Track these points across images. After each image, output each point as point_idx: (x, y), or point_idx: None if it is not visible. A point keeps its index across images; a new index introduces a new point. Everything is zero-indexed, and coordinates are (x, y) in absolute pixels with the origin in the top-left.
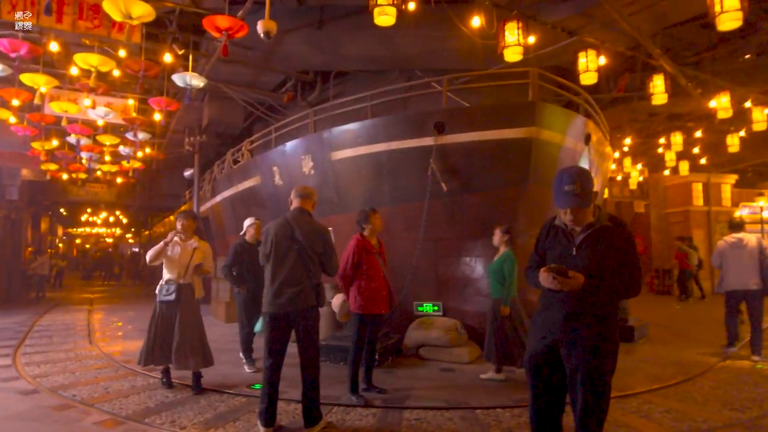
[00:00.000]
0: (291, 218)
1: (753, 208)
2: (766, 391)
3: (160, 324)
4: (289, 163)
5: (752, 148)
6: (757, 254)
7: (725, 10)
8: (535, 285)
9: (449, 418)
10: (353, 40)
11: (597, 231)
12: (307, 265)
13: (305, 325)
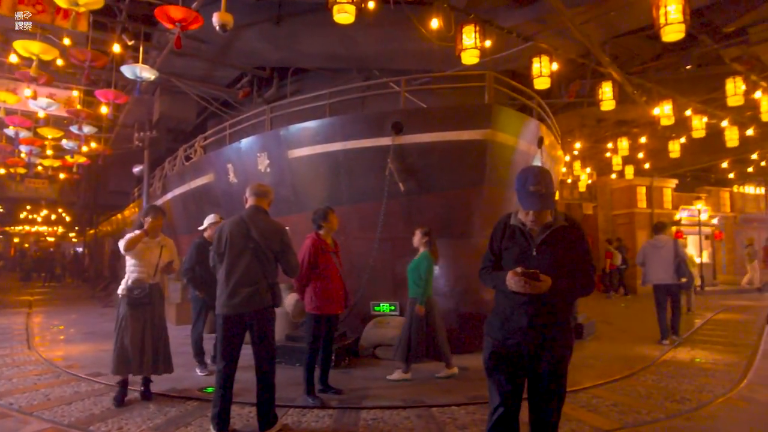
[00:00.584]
0: (246, 216)
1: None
2: (703, 384)
3: (134, 328)
4: (244, 161)
5: (691, 154)
6: (673, 254)
7: (669, 22)
8: (494, 287)
9: (406, 417)
10: (312, 37)
11: (556, 231)
12: (263, 265)
13: (261, 326)
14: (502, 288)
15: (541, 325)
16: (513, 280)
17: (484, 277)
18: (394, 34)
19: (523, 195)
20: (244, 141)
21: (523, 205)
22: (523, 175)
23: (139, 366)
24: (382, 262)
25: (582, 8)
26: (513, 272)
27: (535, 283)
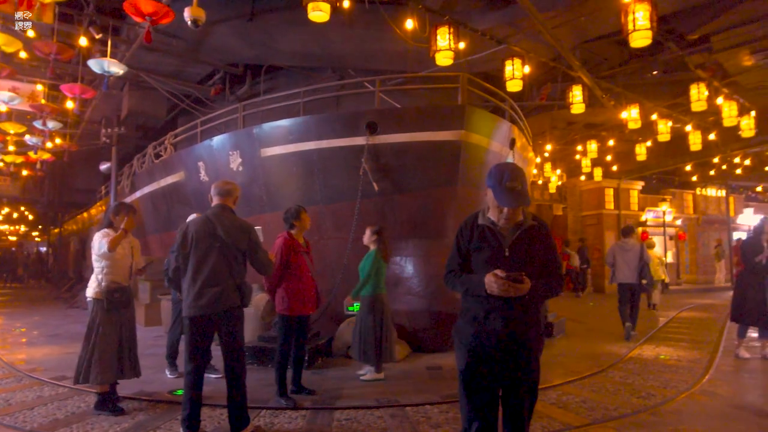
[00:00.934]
0: (212, 215)
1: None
2: (668, 379)
3: (112, 333)
4: (216, 159)
5: (657, 157)
6: (639, 256)
7: (637, 28)
8: (465, 291)
9: (379, 417)
10: (286, 34)
11: (526, 231)
12: (230, 264)
13: (229, 327)
14: (477, 292)
15: (517, 327)
16: (495, 283)
17: (452, 281)
18: (369, 33)
19: (499, 191)
20: (216, 139)
21: (499, 202)
22: (498, 171)
23: (121, 371)
24: (357, 262)
25: (554, 13)
26: (494, 275)
27: (519, 286)
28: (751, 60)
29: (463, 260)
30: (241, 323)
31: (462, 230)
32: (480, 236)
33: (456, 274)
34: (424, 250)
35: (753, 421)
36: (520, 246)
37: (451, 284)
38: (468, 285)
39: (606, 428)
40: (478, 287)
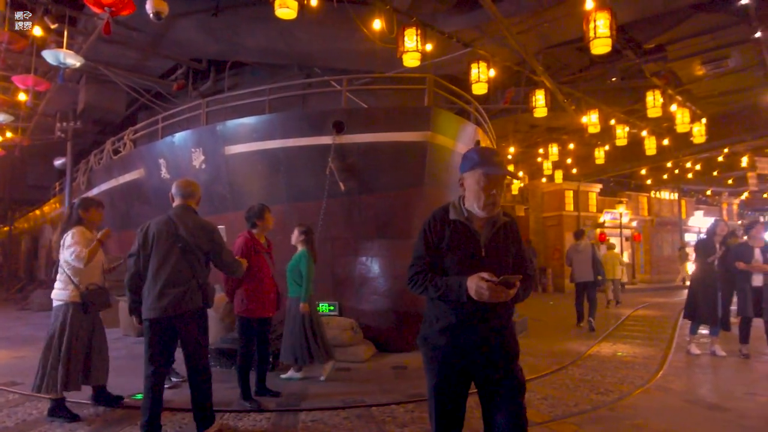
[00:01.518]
0: (174, 215)
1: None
2: (624, 375)
3: (83, 338)
4: (177, 156)
5: (614, 160)
6: (591, 256)
7: (598, 36)
8: (439, 296)
9: (345, 417)
10: (252, 31)
11: (501, 228)
12: (192, 265)
13: (192, 329)
14: (455, 297)
15: (495, 333)
16: (486, 289)
17: (421, 284)
18: (337, 32)
19: (484, 162)
20: (178, 135)
21: (486, 169)
22: (477, 149)
23: (86, 377)
24: (322, 262)
25: (518, 18)
26: (481, 279)
27: (509, 291)
28: (703, 70)
29: (432, 259)
30: (204, 325)
31: (431, 225)
32: (452, 233)
33: (425, 276)
34: (390, 251)
35: (703, 414)
36: (495, 245)
37: (418, 287)
38: (444, 290)
39: (567, 424)
40: (457, 292)
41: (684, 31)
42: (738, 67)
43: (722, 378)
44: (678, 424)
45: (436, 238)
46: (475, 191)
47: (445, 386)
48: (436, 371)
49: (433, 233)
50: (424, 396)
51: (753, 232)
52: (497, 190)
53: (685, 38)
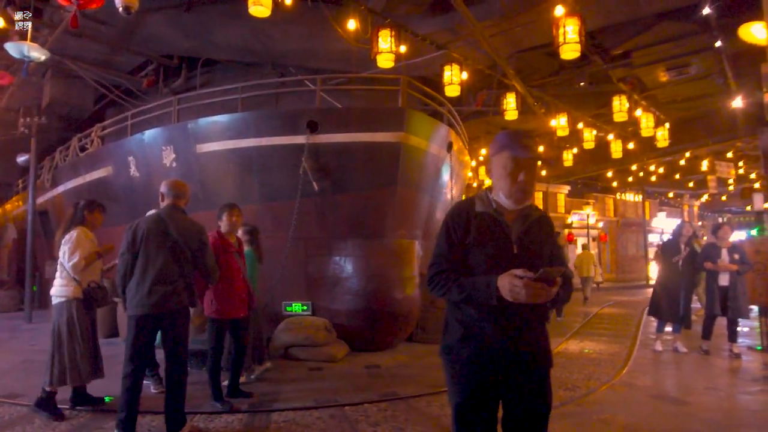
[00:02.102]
0: (165, 214)
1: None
2: (591, 372)
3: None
4: (147, 154)
5: (582, 163)
6: None
7: (567, 41)
8: (465, 298)
9: (318, 417)
10: (225, 28)
11: (534, 222)
12: (180, 264)
13: (176, 327)
14: (485, 299)
15: (531, 343)
16: (523, 288)
17: (444, 285)
18: (312, 32)
19: (514, 146)
20: (148, 132)
21: (513, 151)
22: (507, 132)
23: (93, 372)
24: (295, 262)
25: (491, 22)
26: (514, 276)
27: (551, 290)
28: (666, 76)
29: (455, 257)
30: (187, 324)
31: (454, 219)
32: (480, 227)
33: (447, 276)
34: (363, 250)
35: (666, 408)
36: (528, 240)
37: (440, 288)
38: (471, 290)
39: None
40: (485, 293)
41: (649, 38)
42: (699, 74)
43: (684, 373)
44: (642, 419)
45: (461, 232)
46: (502, 177)
47: (470, 406)
48: (461, 388)
49: (457, 228)
50: (397, 395)
51: (720, 234)
52: (527, 177)
53: (649, 45)
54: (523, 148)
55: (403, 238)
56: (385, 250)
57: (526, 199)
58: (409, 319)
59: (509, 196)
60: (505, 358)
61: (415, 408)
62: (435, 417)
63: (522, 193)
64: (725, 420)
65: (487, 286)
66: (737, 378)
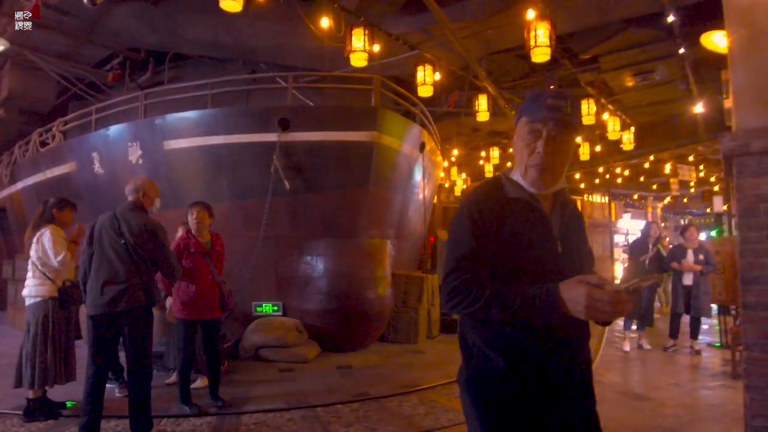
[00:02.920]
0: (119, 213)
1: None
2: None
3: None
4: (112, 150)
5: None
6: None
7: (538, 44)
8: (509, 315)
9: (289, 419)
10: (194, 22)
11: (572, 211)
12: (135, 263)
13: (134, 328)
14: (544, 316)
15: (583, 369)
16: (603, 301)
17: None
18: (284, 28)
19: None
20: (114, 128)
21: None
22: (537, 92)
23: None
24: (265, 261)
25: (464, 23)
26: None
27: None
28: (632, 81)
29: (484, 260)
30: (148, 324)
31: (481, 207)
32: (517, 217)
33: (482, 286)
34: (335, 250)
35: (631, 404)
36: (570, 235)
37: (470, 303)
38: (520, 305)
39: None
40: (547, 308)
41: (616, 44)
42: (663, 80)
43: (649, 370)
44: (610, 415)
45: (492, 224)
46: (519, 149)
47: None
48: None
49: (484, 219)
50: (369, 395)
51: (687, 235)
52: (547, 147)
53: (616, 51)
54: (548, 109)
55: (375, 237)
56: (357, 249)
57: (543, 179)
58: (381, 319)
59: (525, 174)
60: (558, 392)
61: (387, 408)
62: (407, 417)
63: (537, 168)
64: (687, 415)
65: (548, 298)
66: (698, 374)
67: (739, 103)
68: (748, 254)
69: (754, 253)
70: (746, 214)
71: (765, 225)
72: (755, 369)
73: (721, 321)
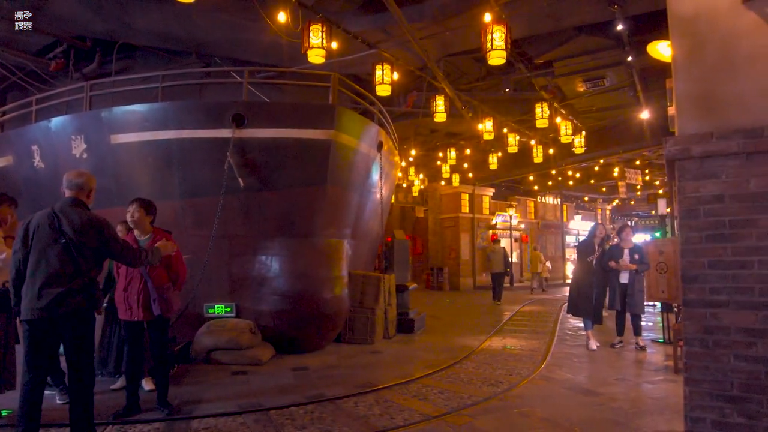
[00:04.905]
0: (58, 209)
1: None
2: (513, 367)
3: (7, 338)
4: (54, 143)
5: (506, 166)
6: (503, 256)
7: (494, 48)
8: None
9: (242, 423)
10: (145, 11)
11: None
12: (76, 262)
13: (75, 332)
14: None
15: None
16: None
17: None
18: (240, 21)
19: None
20: (56, 120)
21: None
22: None
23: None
24: (218, 261)
25: (421, 24)
26: None
27: None
28: (583, 87)
29: None
30: (89, 328)
31: None
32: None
33: None
34: (291, 249)
35: (580, 399)
36: None
37: None
38: None
39: (461, 416)
40: None
41: (569, 50)
42: (613, 86)
43: (596, 366)
44: (558, 410)
45: None
46: None
47: None
48: None
49: None
50: (324, 396)
51: (623, 235)
52: None
53: (569, 57)
54: None
55: (332, 237)
56: (313, 249)
57: None
58: (338, 320)
59: None
60: None
61: (342, 409)
62: (362, 417)
63: None
64: (632, 408)
65: None
66: (643, 369)
67: (680, 110)
68: (688, 254)
69: (695, 253)
70: (687, 215)
71: (704, 226)
72: (694, 363)
73: (665, 318)
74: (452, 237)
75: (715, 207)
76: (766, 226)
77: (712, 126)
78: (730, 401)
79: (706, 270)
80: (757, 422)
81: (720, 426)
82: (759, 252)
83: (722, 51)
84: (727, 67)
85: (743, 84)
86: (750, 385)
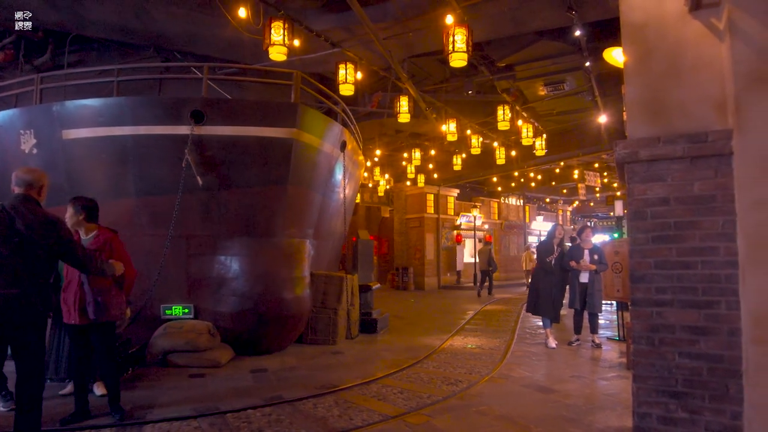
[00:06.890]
0: (9, 206)
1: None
2: (473, 366)
3: None
4: (2, 138)
5: (470, 168)
6: (488, 255)
7: (456, 50)
8: None
9: (197, 427)
10: (99, 2)
11: None
12: (29, 263)
13: (26, 336)
14: None
15: None
16: None
17: None
18: (199, 16)
19: None
20: (3, 114)
21: None
22: None
23: None
24: (175, 262)
25: (385, 24)
26: None
27: None
28: (544, 90)
29: None
30: (41, 332)
31: None
32: None
33: None
34: (251, 249)
35: (536, 396)
36: None
37: None
38: None
39: (420, 415)
40: None
41: (530, 54)
42: (572, 90)
43: (554, 364)
44: (515, 407)
45: None
46: None
47: None
48: None
49: None
50: (283, 398)
51: (583, 236)
52: None
53: (530, 61)
54: None
55: (293, 237)
56: (274, 249)
57: None
58: (299, 321)
59: None
60: None
61: (301, 411)
62: (321, 419)
63: None
64: (586, 404)
65: None
66: (598, 366)
67: (631, 115)
68: (636, 254)
69: (642, 253)
70: (635, 217)
71: (651, 227)
72: (641, 360)
73: (620, 316)
74: (417, 237)
75: (662, 209)
76: (709, 228)
77: (660, 131)
78: (674, 397)
79: (653, 270)
80: (699, 417)
81: (665, 421)
82: (702, 253)
83: (669, 59)
84: (674, 74)
85: (688, 91)
86: (693, 381)
